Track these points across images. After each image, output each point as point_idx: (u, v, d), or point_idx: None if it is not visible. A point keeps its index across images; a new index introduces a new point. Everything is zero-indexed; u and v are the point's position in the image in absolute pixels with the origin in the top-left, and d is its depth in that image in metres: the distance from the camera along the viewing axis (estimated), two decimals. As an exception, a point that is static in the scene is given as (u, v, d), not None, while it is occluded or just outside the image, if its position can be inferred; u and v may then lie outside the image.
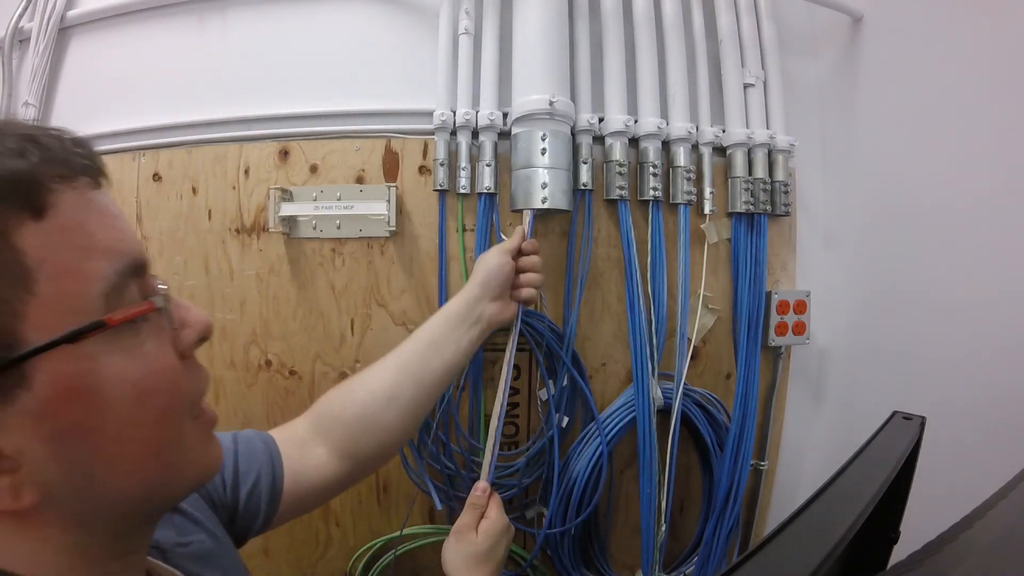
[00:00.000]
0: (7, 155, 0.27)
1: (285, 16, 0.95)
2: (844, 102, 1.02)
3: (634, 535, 0.93)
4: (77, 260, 0.28)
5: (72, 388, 0.28)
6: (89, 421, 0.29)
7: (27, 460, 0.27)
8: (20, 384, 0.26)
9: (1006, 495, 0.46)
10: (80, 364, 0.28)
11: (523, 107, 0.82)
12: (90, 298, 0.28)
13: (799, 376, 1.05)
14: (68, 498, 0.29)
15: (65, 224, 0.28)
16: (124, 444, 0.30)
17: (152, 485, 0.32)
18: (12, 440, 0.27)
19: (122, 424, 0.30)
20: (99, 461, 0.29)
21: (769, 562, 0.36)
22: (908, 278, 0.90)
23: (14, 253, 0.26)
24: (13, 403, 0.26)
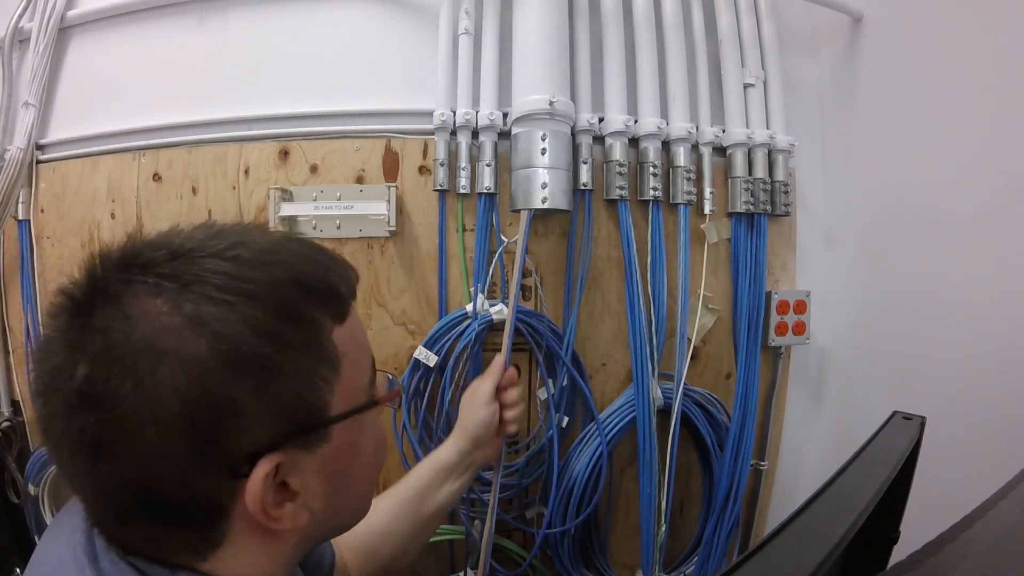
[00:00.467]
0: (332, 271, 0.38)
1: (285, 16, 0.95)
2: (844, 102, 1.02)
3: (634, 535, 0.93)
4: (359, 356, 0.39)
5: (350, 444, 0.38)
6: (350, 467, 0.39)
7: (305, 493, 0.36)
8: (324, 439, 0.36)
9: (1006, 495, 0.46)
10: (357, 427, 0.39)
11: (523, 107, 0.82)
12: (364, 384, 0.40)
13: (799, 376, 1.05)
14: (315, 522, 0.38)
15: (353, 329, 0.39)
16: (360, 484, 0.42)
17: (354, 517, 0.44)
18: (301, 479, 0.35)
19: (363, 470, 0.41)
20: (345, 496, 0.40)
21: (769, 562, 0.36)
22: (908, 278, 0.90)
23: (332, 346, 0.36)
24: (313, 452, 0.36)
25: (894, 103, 0.93)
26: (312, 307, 0.35)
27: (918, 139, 0.89)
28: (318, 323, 0.36)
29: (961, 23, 0.82)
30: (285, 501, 0.35)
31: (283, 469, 0.34)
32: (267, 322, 0.32)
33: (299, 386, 0.34)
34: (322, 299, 0.36)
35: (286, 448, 0.34)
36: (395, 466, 0.94)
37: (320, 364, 0.35)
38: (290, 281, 0.35)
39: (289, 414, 0.34)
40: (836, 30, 1.01)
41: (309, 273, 0.36)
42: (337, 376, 0.36)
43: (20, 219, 1.01)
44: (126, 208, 0.97)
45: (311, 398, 0.35)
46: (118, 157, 0.97)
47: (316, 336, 0.35)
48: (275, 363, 0.33)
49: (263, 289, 0.33)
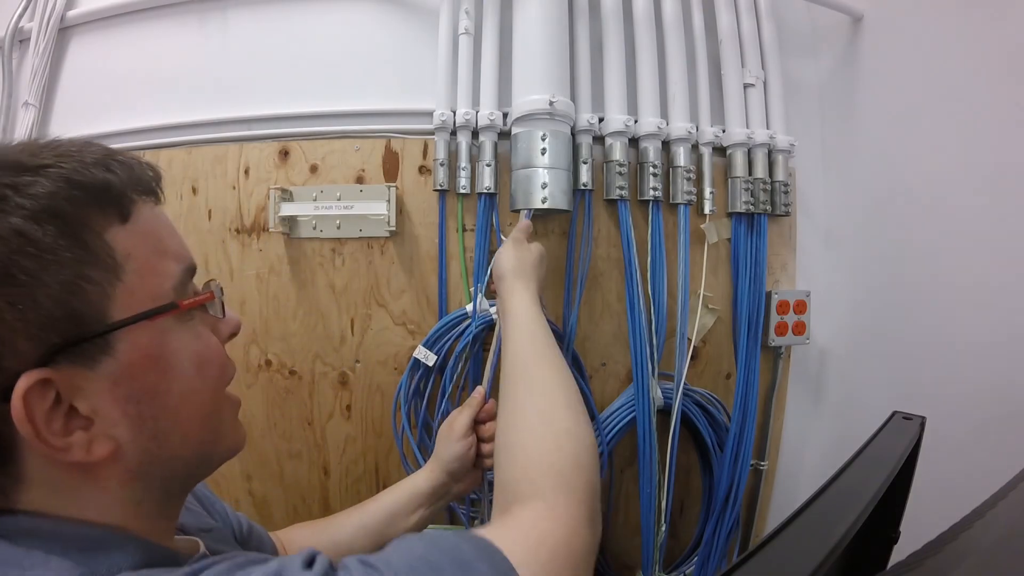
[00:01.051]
0: (97, 168, 0.34)
1: (285, 16, 0.95)
2: (844, 102, 1.02)
3: (634, 535, 0.93)
4: (154, 260, 0.36)
5: (148, 356, 0.34)
6: (159, 385, 0.35)
7: (100, 419, 0.33)
8: (105, 351, 0.33)
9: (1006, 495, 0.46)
10: (155, 337, 0.35)
11: (523, 107, 0.82)
12: (164, 289, 0.36)
13: (799, 376, 1.05)
14: (133, 454, 0.35)
15: (144, 229, 0.36)
16: (184, 407, 0.37)
17: (200, 448, 0.39)
18: (89, 401, 0.32)
19: (184, 390, 0.37)
20: (164, 421, 0.36)
21: (769, 562, 0.36)
22: (908, 278, 0.90)
23: (107, 247, 0.33)
24: (95, 368, 0.32)
25: (894, 103, 0.93)
26: (76, 206, 0.32)
27: (918, 139, 0.89)
28: (83, 222, 0.32)
29: (961, 23, 0.82)
30: (76, 428, 0.32)
31: (63, 390, 0.31)
32: (18, 226, 0.30)
33: (62, 292, 0.31)
34: (91, 197, 0.33)
35: (58, 364, 0.31)
36: (395, 466, 0.94)
37: (88, 267, 0.32)
38: (56, 180, 0.32)
39: (53, 324, 0.31)
40: (836, 30, 1.01)
41: (78, 171, 0.33)
42: (117, 280, 0.33)
43: (20, 219, 1.01)
44: (126, 208, 0.97)
45: (78, 305, 0.31)
46: (118, 157, 0.97)
47: (81, 236, 0.32)
48: (29, 268, 0.30)
49: (23, 194, 0.31)
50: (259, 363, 0.94)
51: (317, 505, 0.96)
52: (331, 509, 0.96)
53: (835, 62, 1.03)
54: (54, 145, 0.35)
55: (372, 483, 0.95)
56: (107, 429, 0.33)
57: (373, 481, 0.95)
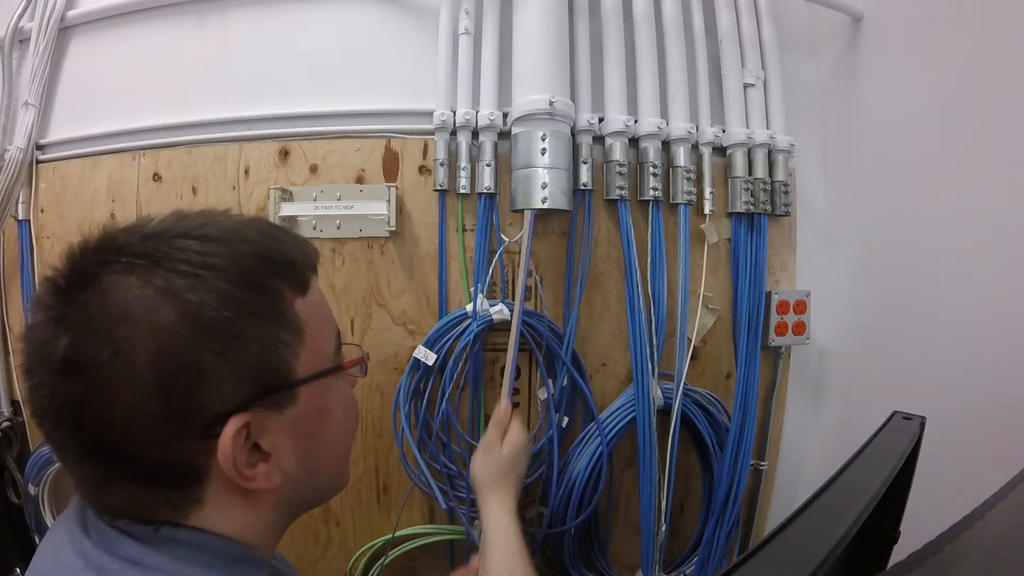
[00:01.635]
0: (292, 247, 0.41)
1: (285, 16, 0.95)
2: (844, 102, 1.02)
3: (634, 535, 0.93)
4: (322, 326, 0.42)
5: (319, 406, 0.41)
6: (321, 428, 0.41)
7: (276, 454, 0.38)
8: (292, 401, 0.39)
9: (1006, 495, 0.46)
10: (323, 391, 0.41)
11: (523, 107, 0.82)
12: (329, 351, 0.43)
13: (799, 376, 1.05)
14: (291, 484, 0.40)
15: (316, 301, 0.42)
16: (333, 447, 0.44)
17: (331, 482, 0.46)
18: (271, 439, 0.38)
19: (335, 432, 0.43)
20: (318, 459, 0.42)
21: (769, 562, 0.36)
22: (908, 277, 0.90)
23: (295, 315, 0.39)
24: (282, 414, 0.38)
25: (894, 103, 0.93)
26: (273, 279, 0.38)
27: (918, 139, 0.89)
28: (279, 293, 0.38)
29: (961, 23, 0.82)
30: (258, 462, 0.38)
31: (253, 430, 0.36)
32: (231, 291, 0.35)
33: (263, 350, 0.36)
34: (282, 271, 0.39)
35: (254, 409, 0.36)
36: (395, 466, 0.94)
37: (282, 330, 0.38)
38: (252, 255, 0.38)
39: (255, 376, 0.36)
40: (836, 30, 1.01)
41: (269, 248, 0.39)
42: (300, 342, 0.39)
43: (20, 219, 1.01)
44: (126, 208, 0.97)
45: (275, 361, 0.37)
46: (118, 157, 0.97)
47: (278, 305, 0.38)
48: (239, 328, 0.35)
49: (226, 263, 0.36)
50: (259, 363, 0.94)
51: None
52: (331, 509, 0.96)
53: (835, 62, 1.03)
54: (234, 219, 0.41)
55: (372, 483, 0.95)
56: (280, 462, 0.39)
57: (373, 481, 0.95)
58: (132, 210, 0.96)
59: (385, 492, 0.96)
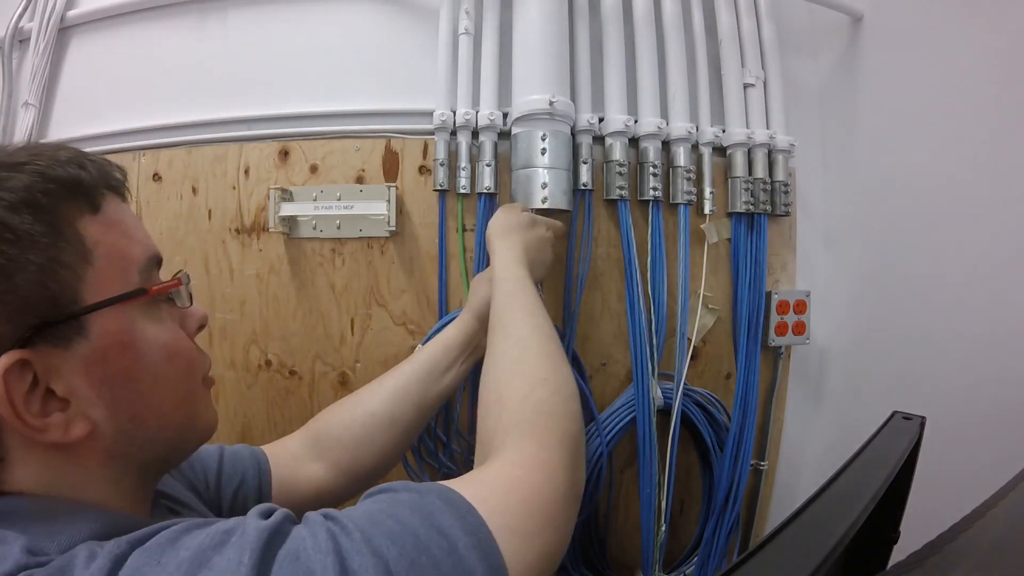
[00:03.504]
0: (69, 165, 0.37)
1: (285, 16, 0.95)
2: (844, 102, 1.02)
3: (634, 535, 0.93)
4: (121, 246, 0.38)
5: (119, 341, 0.36)
6: (131, 370, 0.37)
7: (77, 401, 0.35)
8: (79, 333, 0.34)
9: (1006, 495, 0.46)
10: (124, 323, 0.37)
11: (523, 107, 0.82)
12: (131, 275, 0.38)
13: (799, 376, 1.05)
14: (111, 435, 0.36)
15: (112, 220, 0.38)
16: (158, 393, 0.39)
17: (176, 431, 0.41)
18: (65, 382, 0.34)
19: (156, 376, 0.38)
20: (139, 405, 0.38)
21: (769, 562, 0.36)
22: (908, 278, 0.90)
23: (77, 234, 0.35)
24: (69, 348, 0.34)
25: (894, 103, 0.93)
26: (49, 196, 0.35)
27: (918, 139, 0.89)
28: (59, 212, 0.35)
29: (961, 23, 0.82)
30: (55, 410, 0.34)
31: (40, 370, 0.33)
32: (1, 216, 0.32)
33: (38, 275, 0.33)
34: (65, 189, 0.36)
35: (36, 346, 0.33)
36: (395, 466, 0.94)
37: (63, 252, 0.34)
38: (28, 174, 0.35)
39: (31, 306, 0.33)
40: (836, 30, 1.01)
41: (50, 167, 0.36)
42: (88, 264, 0.35)
43: (20, 219, 1.01)
44: (126, 208, 0.97)
45: (53, 286, 0.34)
46: (118, 157, 0.97)
47: (56, 224, 0.34)
48: (7, 254, 0.32)
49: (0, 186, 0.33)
50: (259, 363, 0.94)
51: (317, 505, 0.96)
52: (331, 509, 0.96)
53: (835, 62, 1.03)
54: (29, 146, 0.37)
55: (371, 483, 0.95)
56: (84, 410, 0.35)
57: (372, 481, 0.95)
58: (132, 210, 0.96)
59: (385, 492, 0.95)
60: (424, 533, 0.33)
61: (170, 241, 0.94)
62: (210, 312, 0.93)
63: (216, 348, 0.94)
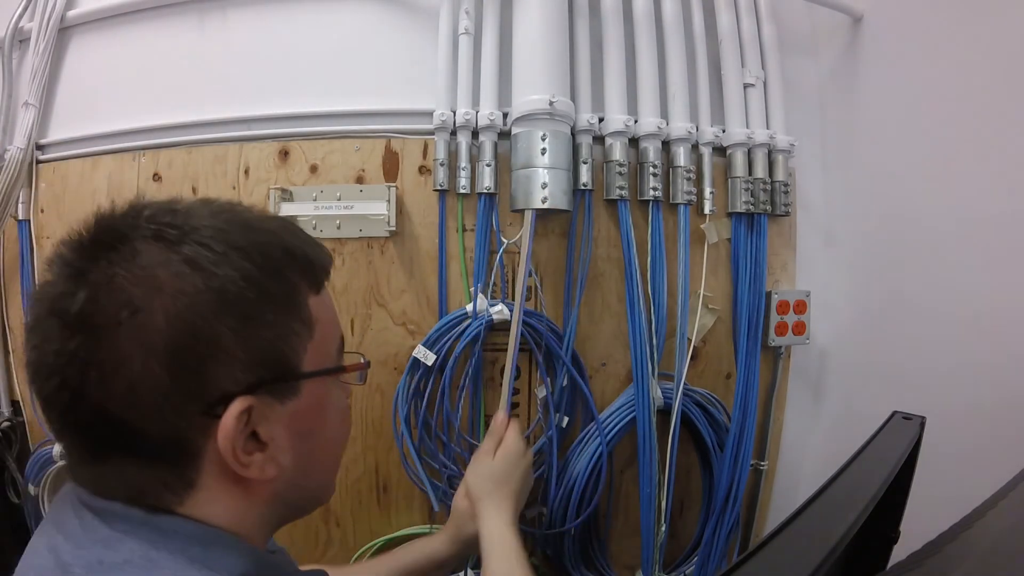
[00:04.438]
0: (311, 247, 0.41)
1: (285, 16, 0.95)
2: (844, 102, 1.02)
3: (634, 535, 0.93)
4: (330, 328, 0.43)
5: (318, 404, 0.41)
6: (316, 428, 0.41)
7: (274, 446, 0.38)
8: (294, 392, 0.39)
9: (1006, 495, 0.46)
10: (324, 390, 0.42)
11: (523, 107, 0.82)
12: (332, 352, 0.43)
13: (799, 376, 1.05)
14: (285, 480, 0.40)
15: (326, 303, 0.43)
16: (327, 450, 0.44)
17: (321, 488, 0.46)
18: (269, 429, 0.38)
19: (329, 436, 0.44)
20: (313, 459, 0.42)
21: (769, 562, 0.36)
22: (908, 278, 0.90)
23: (307, 309, 0.40)
24: (284, 404, 0.38)
25: (894, 103, 0.93)
26: (292, 271, 0.39)
27: (918, 139, 0.89)
28: (297, 286, 0.39)
29: (961, 23, 0.82)
30: (255, 451, 0.37)
31: (255, 416, 0.36)
32: (254, 273, 0.36)
33: (276, 336, 0.37)
34: (301, 267, 0.40)
35: (259, 394, 0.36)
36: (395, 466, 0.94)
37: (296, 322, 0.39)
38: (276, 245, 0.38)
39: (265, 360, 0.36)
40: (836, 30, 1.01)
41: (291, 243, 0.40)
42: (310, 337, 0.39)
43: (20, 219, 1.01)
44: (126, 208, 0.97)
45: (286, 350, 0.38)
46: (118, 157, 0.97)
47: (294, 296, 0.39)
48: (257, 310, 0.36)
49: (252, 247, 0.37)
50: (259, 363, 0.94)
51: (317, 505, 0.96)
52: (331, 509, 0.96)
53: (835, 62, 1.03)
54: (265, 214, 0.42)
55: (372, 483, 0.95)
56: (276, 455, 0.38)
57: (373, 481, 0.95)
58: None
59: (385, 492, 0.96)
60: None
61: (170, 241, 0.94)
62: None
63: (216, 348, 0.94)
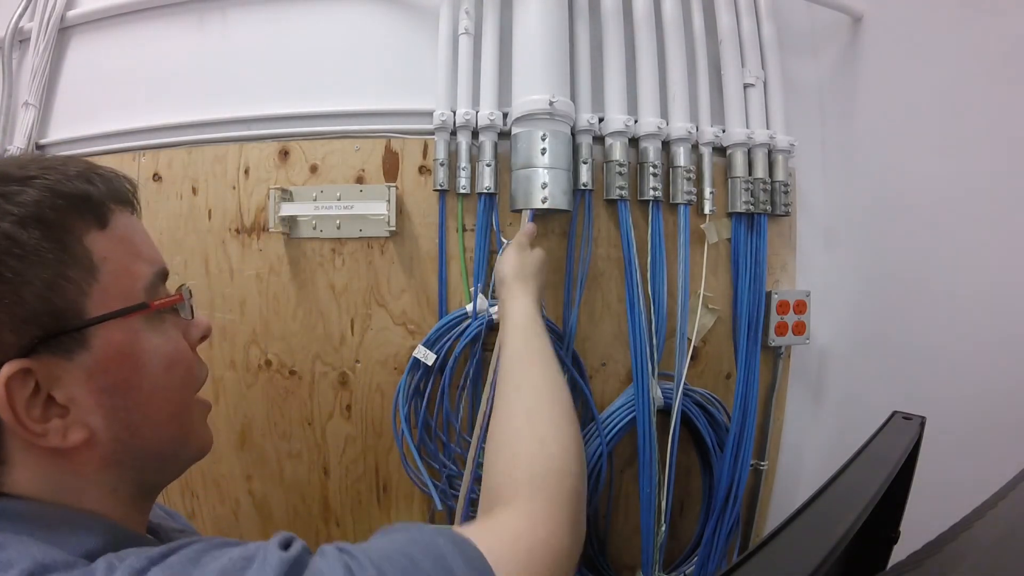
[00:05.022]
0: (79, 180, 0.37)
1: (285, 16, 0.95)
2: (844, 102, 1.02)
3: (634, 535, 0.93)
4: (128, 262, 0.39)
5: (120, 352, 0.37)
6: (131, 380, 0.38)
7: (76, 408, 0.36)
8: (81, 345, 0.35)
9: (1006, 495, 0.46)
10: (126, 335, 0.38)
11: (523, 107, 0.82)
12: (136, 290, 0.39)
13: (799, 376, 1.05)
14: (107, 442, 0.37)
15: (120, 236, 0.39)
16: (155, 403, 0.40)
17: (171, 444, 0.42)
18: (66, 390, 0.35)
19: (154, 387, 0.39)
20: (136, 414, 0.38)
21: (769, 562, 0.36)
22: (908, 278, 0.90)
23: (85, 251, 0.36)
24: (72, 360, 0.35)
25: (894, 103, 0.93)
26: (58, 212, 0.36)
27: (918, 139, 0.89)
28: (65, 227, 0.36)
29: (961, 23, 0.82)
30: (54, 416, 0.35)
31: (42, 378, 0.34)
32: (8, 230, 0.33)
33: (42, 287, 0.34)
34: (73, 204, 0.36)
35: (39, 355, 0.34)
36: (395, 466, 0.94)
37: (69, 268, 0.35)
38: (38, 190, 0.35)
39: (35, 318, 0.34)
40: (836, 30, 1.01)
41: (61, 182, 0.36)
42: (93, 280, 0.36)
43: (20, 219, 1.01)
44: (126, 208, 0.97)
45: (58, 302, 0.35)
46: (118, 157, 0.97)
47: (63, 239, 0.35)
48: (14, 269, 0.33)
49: (9, 201, 0.34)
50: (259, 363, 0.94)
51: (317, 505, 0.96)
52: (331, 509, 0.96)
53: (835, 62, 1.03)
54: (40, 159, 0.38)
55: (372, 483, 0.95)
56: (82, 418, 0.36)
57: (373, 481, 0.95)
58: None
59: (385, 492, 0.96)
60: (434, 574, 0.34)
61: (170, 241, 0.94)
62: (210, 312, 0.94)
63: (216, 348, 0.94)
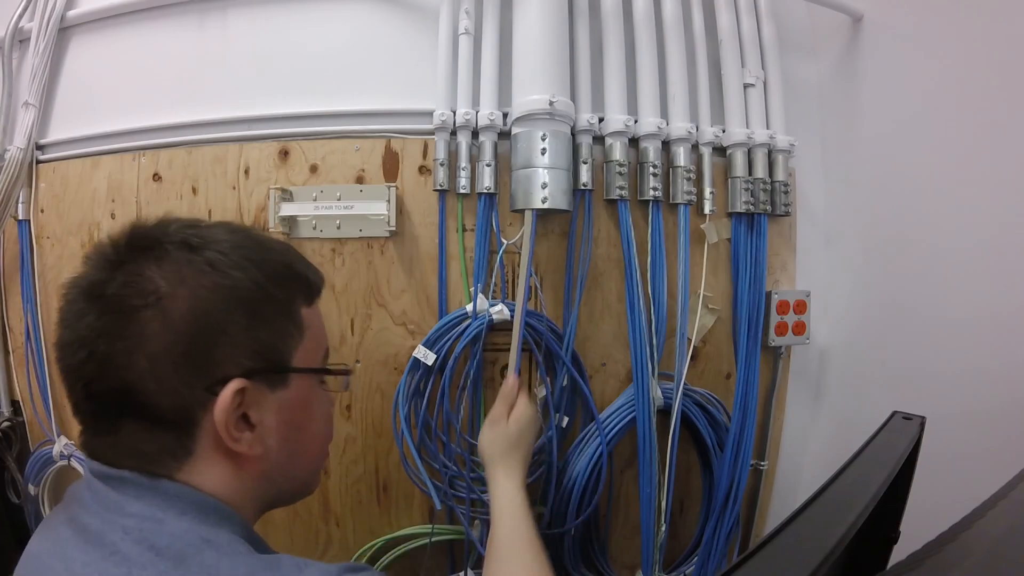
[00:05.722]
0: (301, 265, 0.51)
1: (285, 16, 0.95)
2: (844, 102, 1.02)
3: (634, 535, 0.93)
4: (318, 337, 0.51)
5: (303, 398, 0.49)
6: (302, 421, 0.49)
7: (261, 429, 0.45)
8: (283, 384, 0.46)
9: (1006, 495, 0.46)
10: (308, 388, 0.49)
11: (523, 107, 0.82)
12: (319, 359, 0.51)
13: (799, 376, 1.05)
14: (272, 461, 0.47)
15: (317, 316, 0.52)
16: (310, 444, 0.51)
17: (306, 477, 0.53)
18: (260, 414, 0.45)
19: (314, 432, 0.51)
20: (297, 447, 0.49)
21: (769, 562, 0.36)
22: (908, 277, 0.90)
23: (300, 317, 0.48)
24: (274, 392, 0.46)
25: (894, 103, 0.93)
26: (291, 284, 0.48)
27: (918, 139, 0.89)
28: (294, 297, 0.48)
29: (961, 23, 0.82)
30: (245, 430, 0.44)
31: (247, 398, 0.43)
32: (261, 279, 0.45)
33: (273, 333, 0.46)
34: (299, 282, 0.49)
35: (254, 380, 0.43)
36: (395, 466, 0.94)
37: (291, 325, 0.47)
38: (280, 261, 0.48)
39: (262, 351, 0.44)
40: (836, 30, 1.01)
41: (293, 262, 0.49)
42: (301, 341, 0.48)
43: (20, 219, 1.01)
44: (126, 208, 0.97)
45: (280, 346, 0.46)
46: (118, 157, 0.97)
47: (291, 305, 0.48)
48: (261, 309, 0.44)
49: (261, 259, 0.46)
50: (259, 363, 0.94)
51: (317, 505, 0.96)
52: (331, 509, 0.96)
53: (835, 62, 1.03)
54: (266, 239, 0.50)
55: (372, 483, 0.95)
56: (263, 437, 0.45)
57: (373, 481, 0.95)
58: (132, 210, 0.96)
59: (385, 492, 0.96)
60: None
61: (170, 241, 0.94)
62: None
63: (216, 348, 0.94)
